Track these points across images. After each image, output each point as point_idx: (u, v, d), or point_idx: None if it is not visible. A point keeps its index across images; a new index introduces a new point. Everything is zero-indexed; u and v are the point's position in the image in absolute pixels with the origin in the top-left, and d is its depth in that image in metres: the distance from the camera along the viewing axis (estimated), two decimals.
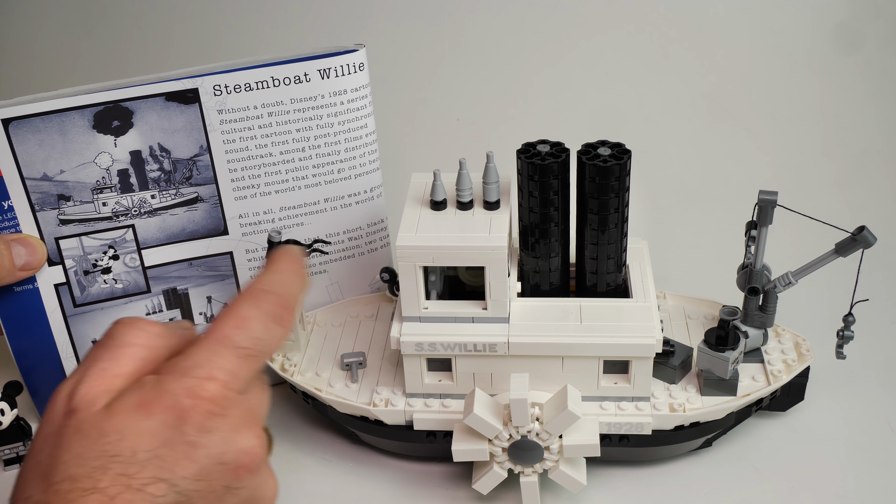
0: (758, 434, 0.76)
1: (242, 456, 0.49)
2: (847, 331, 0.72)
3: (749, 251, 0.73)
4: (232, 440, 0.49)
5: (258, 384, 0.53)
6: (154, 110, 0.72)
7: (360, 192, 0.80)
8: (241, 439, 0.50)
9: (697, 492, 0.72)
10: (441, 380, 0.71)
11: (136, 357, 0.50)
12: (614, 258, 0.71)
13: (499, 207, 0.70)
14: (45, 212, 0.73)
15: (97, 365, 0.49)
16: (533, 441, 0.67)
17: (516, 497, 0.71)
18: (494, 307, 0.68)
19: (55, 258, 0.75)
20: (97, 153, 0.72)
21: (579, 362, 0.68)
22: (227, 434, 0.49)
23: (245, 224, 0.78)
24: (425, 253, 0.67)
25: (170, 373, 0.49)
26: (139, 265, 0.77)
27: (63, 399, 0.49)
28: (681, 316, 0.80)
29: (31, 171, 0.71)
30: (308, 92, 0.75)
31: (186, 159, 0.74)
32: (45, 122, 0.70)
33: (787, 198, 0.73)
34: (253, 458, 0.50)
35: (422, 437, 0.72)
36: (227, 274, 0.79)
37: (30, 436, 0.77)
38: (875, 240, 0.68)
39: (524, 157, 0.68)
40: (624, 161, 0.67)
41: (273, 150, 0.76)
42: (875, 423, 0.77)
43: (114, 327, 0.50)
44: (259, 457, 0.50)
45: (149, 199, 0.75)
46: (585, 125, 1.12)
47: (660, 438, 0.70)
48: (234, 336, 0.51)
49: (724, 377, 0.70)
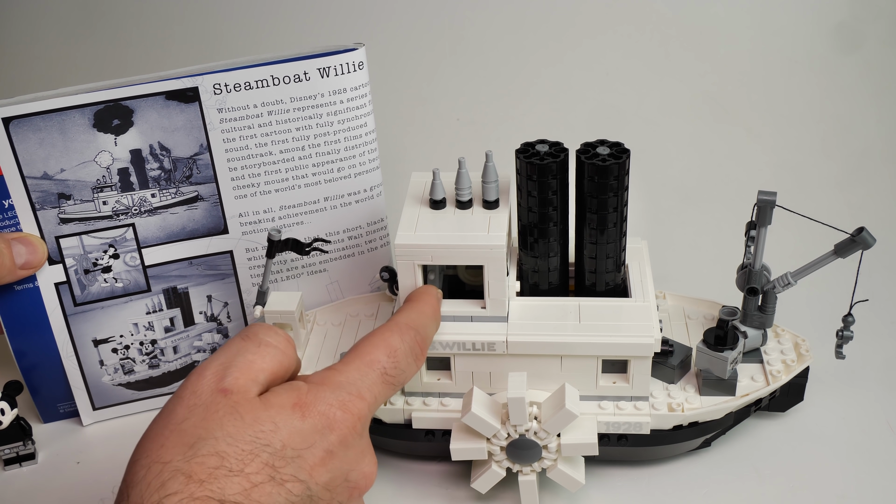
0: (757, 434, 0.76)
1: (363, 479, 0.53)
2: (846, 331, 0.72)
3: (748, 251, 0.73)
4: (360, 460, 0.53)
5: None
6: (154, 109, 0.72)
7: (359, 190, 0.80)
8: (366, 462, 0.53)
9: (697, 492, 0.72)
10: (440, 378, 0.71)
11: (275, 357, 0.53)
12: (613, 258, 0.71)
13: (498, 206, 0.70)
14: (45, 210, 0.73)
15: (244, 356, 0.52)
16: (531, 440, 0.67)
17: (515, 496, 0.71)
18: (493, 306, 0.68)
19: (55, 257, 0.75)
20: (97, 152, 0.72)
21: (578, 361, 0.68)
22: (358, 454, 0.53)
23: (245, 223, 0.78)
24: (424, 251, 0.67)
25: (324, 384, 0.53)
26: (139, 264, 0.77)
27: (212, 376, 0.50)
28: (680, 316, 0.80)
29: (32, 169, 0.72)
30: (308, 91, 0.75)
31: (186, 158, 0.74)
32: (46, 120, 0.70)
33: (787, 198, 0.73)
34: (368, 483, 0.53)
35: (420, 436, 0.72)
36: (228, 273, 0.79)
37: (29, 435, 0.77)
38: (874, 241, 0.68)
39: (523, 157, 0.68)
40: (623, 160, 0.67)
41: (273, 149, 0.76)
42: (875, 423, 0.77)
43: (252, 327, 0.54)
44: (371, 483, 0.54)
45: (149, 198, 0.75)
46: (585, 125, 1.12)
47: (658, 438, 0.70)
48: (384, 363, 0.56)
49: (723, 377, 0.70)
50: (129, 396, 0.81)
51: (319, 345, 0.79)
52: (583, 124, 1.12)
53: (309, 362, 0.77)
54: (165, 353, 0.81)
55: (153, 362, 0.81)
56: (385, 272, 0.80)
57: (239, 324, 0.81)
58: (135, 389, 0.81)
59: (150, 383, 0.81)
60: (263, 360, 0.53)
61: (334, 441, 0.51)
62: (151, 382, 0.81)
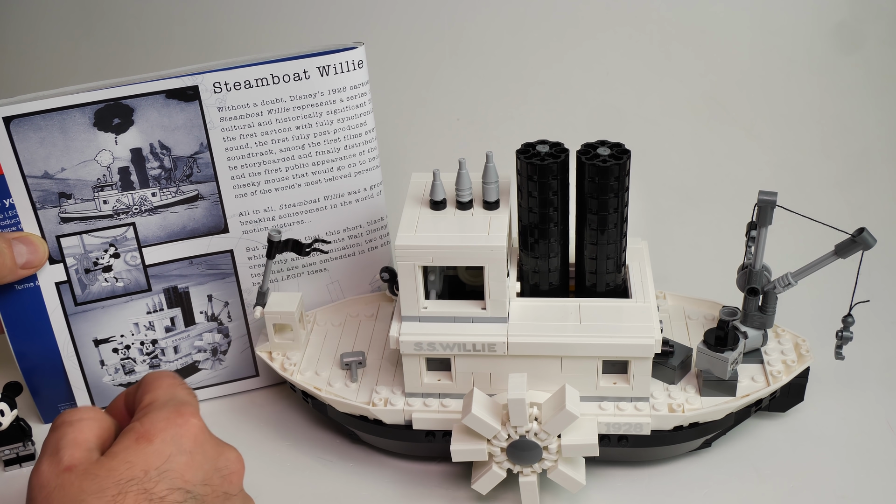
0: (758, 434, 0.76)
1: (232, 463, 0.57)
2: (846, 332, 0.72)
3: (749, 252, 0.73)
4: (220, 449, 0.56)
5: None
6: (154, 108, 0.72)
7: (360, 189, 0.80)
8: (226, 450, 0.57)
9: (697, 492, 0.72)
10: (440, 379, 0.71)
11: (93, 426, 0.56)
12: (614, 258, 0.71)
13: (498, 207, 0.70)
14: (46, 210, 0.73)
15: (65, 438, 0.55)
16: (531, 441, 0.67)
17: (515, 497, 0.71)
18: (494, 307, 0.68)
19: (56, 256, 0.75)
20: (98, 151, 0.72)
21: (578, 362, 0.68)
22: (216, 446, 0.56)
23: (245, 222, 0.78)
24: (424, 252, 0.67)
25: (150, 410, 0.56)
26: (140, 263, 0.77)
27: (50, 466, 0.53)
28: (680, 316, 0.80)
29: (33, 168, 0.71)
30: (308, 89, 0.75)
31: (187, 157, 0.74)
32: (46, 119, 0.70)
33: (787, 198, 0.73)
34: (239, 466, 0.57)
35: (421, 437, 0.72)
36: (228, 272, 0.79)
37: (30, 436, 0.77)
38: (874, 241, 0.68)
39: (523, 158, 0.68)
40: (623, 161, 0.67)
41: (273, 148, 0.76)
42: (875, 423, 0.77)
43: (58, 417, 0.57)
44: (241, 465, 0.57)
45: (149, 197, 0.75)
46: (585, 125, 1.12)
47: (659, 439, 0.70)
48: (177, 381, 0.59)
49: (724, 378, 0.70)
50: None
51: (319, 345, 0.79)
52: (583, 124, 1.12)
53: (309, 363, 0.77)
54: (166, 353, 0.81)
55: (154, 362, 0.81)
56: (385, 272, 0.80)
57: (240, 323, 0.81)
58: None
59: None
60: (84, 432, 0.55)
61: (188, 444, 0.54)
62: None
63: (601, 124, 1.12)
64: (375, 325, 0.80)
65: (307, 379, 0.75)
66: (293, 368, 0.76)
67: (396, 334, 0.69)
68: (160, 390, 0.58)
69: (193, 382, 0.82)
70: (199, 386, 0.83)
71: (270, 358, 0.77)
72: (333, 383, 0.74)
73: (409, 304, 0.69)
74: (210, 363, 0.82)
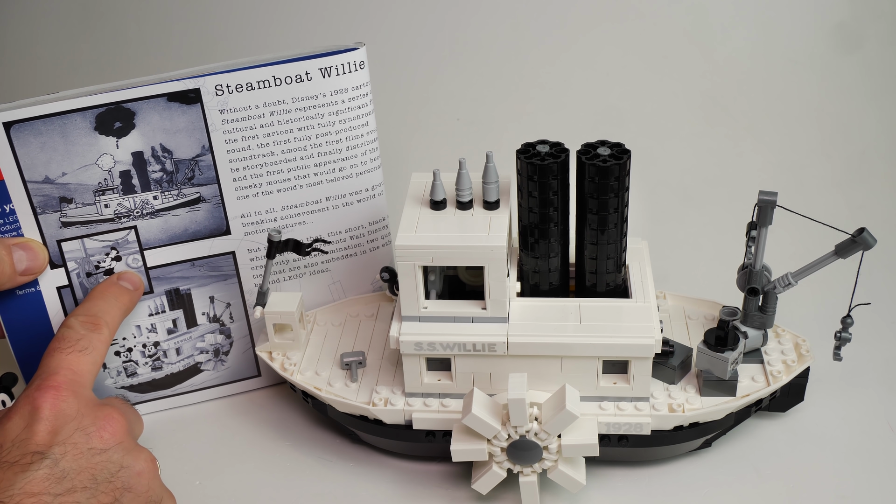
0: (758, 434, 0.77)
1: (110, 423, 0.62)
2: (845, 332, 0.72)
3: (749, 252, 0.73)
4: (96, 412, 0.62)
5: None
6: (156, 111, 0.72)
7: (361, 190, 0.80)
8: (104, 412, 0.62)
9: (697, 492, 0.72)
10: (440, 379, 0.71)
11: None
12: (614, 258, 0.71)
13: (498, 207, 0.70)
14: (46, 214, 0.73)
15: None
16: (532, 441, 0.67)
17: (515, 497, 0.71)
18: (494, 307, 0.68)
19: (57, 261, 0.75)
20: (99, 155, 0.73)
21: (578, 362, 0.68)
22: (91, 407, 0.62)
23: (247, 224, 0.78)
24: (425, 252, 0.67)
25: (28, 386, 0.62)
26: (142, 266, 0.77)
27: None
28: (681, 316, 0.80)
29: (33, 173, 0.72)
30: (309, 91, 0.75)
31: (188, 159, 0.75)
32: (47, 124, 0.70)
33: (787, 198, 0.74)
34: (119, 425, 0.62)
35: (421, 437, 0.72)
36: (230, 274, 0.80)
37: None
38: (875, 241, 0.68)
39: (524, 158, 0.68)
40: (623, 161, 0.67)
41: (275, 150, 0.76)
42: (875, 423, 0.77)
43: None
44: (123, 424, 0.62)
45: (151, 200, 0.75)
46: (585, 125, 1.12)
47: (659, 439, 0.70)
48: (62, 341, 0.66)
49: (724, 378, 0.70)
50: (133, 400, 0.82)
51: (320, 345, 0.79)
52: (583, 124, 1.13)
53: (309, 363, 0.77)
54: (168, 355, 0.81)
55: (156, 364, 0.81)
56: (385, 272, 0.80)
57: (242, 324, 0.82)
58: (138, 392, 0.81)
59: (153, 385, 0.81)
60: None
61: (48, 414, 0.60)
62: (154, 385, 0.81)
63: (601, 124, 1.12)
64: (375, 325, 0.80)
65: (307, 379, 0.75)
66: (293, 368, 0.76)
67: (396, 334, 0.69)
68: (45, 359, 0.64)
69: (196, 384, 0.83)
70: (201, 387, 0.83)
71: (270, 358, 0.77)
72: (333, 383, 0.75)
73: (409, 304, 0.69)
74: (212, 364, 0.83)
